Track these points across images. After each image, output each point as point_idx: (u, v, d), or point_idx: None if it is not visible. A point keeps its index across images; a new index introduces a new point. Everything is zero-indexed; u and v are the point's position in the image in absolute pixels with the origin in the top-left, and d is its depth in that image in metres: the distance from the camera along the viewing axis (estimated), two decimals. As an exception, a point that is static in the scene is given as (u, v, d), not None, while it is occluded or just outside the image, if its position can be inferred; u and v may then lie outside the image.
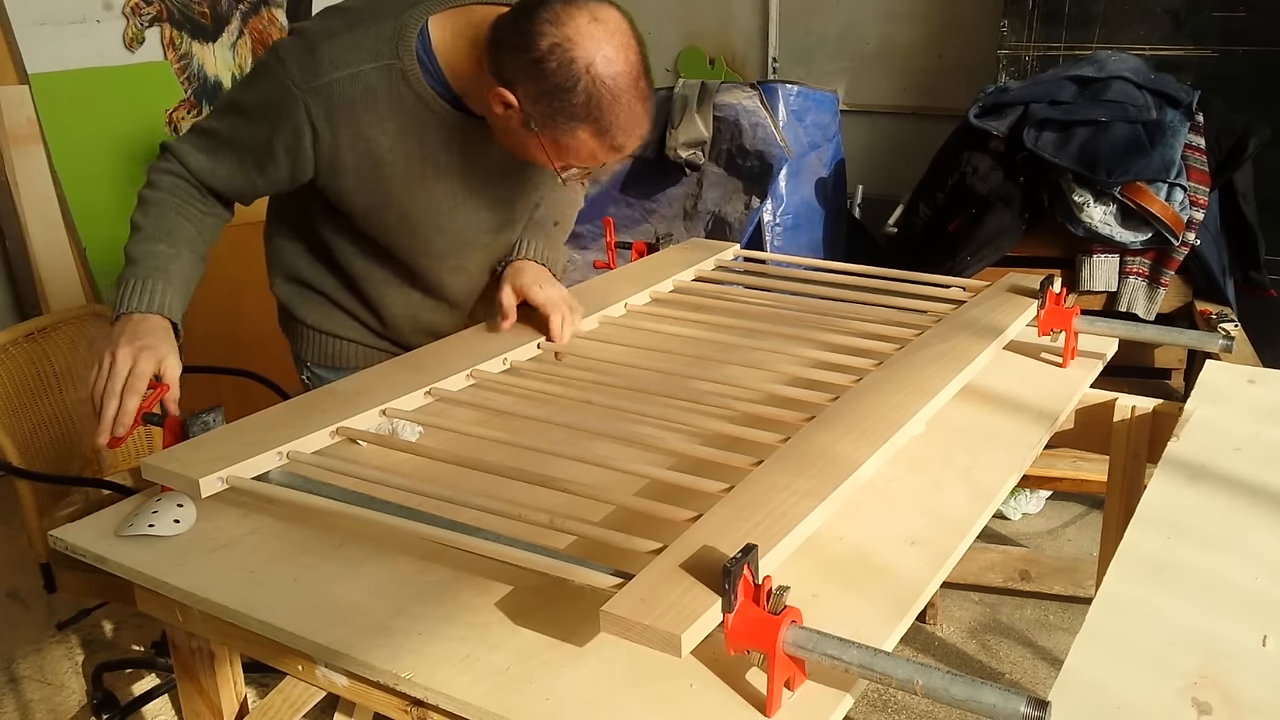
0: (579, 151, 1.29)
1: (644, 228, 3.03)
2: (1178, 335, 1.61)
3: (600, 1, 1.27)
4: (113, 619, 2.47)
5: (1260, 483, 1.15)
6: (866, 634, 0.90)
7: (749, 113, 2.90)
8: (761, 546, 0.88)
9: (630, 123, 1.28)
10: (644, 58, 1.28)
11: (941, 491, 1.15)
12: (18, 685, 2.27)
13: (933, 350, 1.36)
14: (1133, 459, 1.49)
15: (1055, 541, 2.69)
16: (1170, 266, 2.39)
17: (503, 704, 0.84)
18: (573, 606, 0.94)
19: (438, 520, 1.03)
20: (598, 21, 1.24)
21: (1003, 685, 0.78)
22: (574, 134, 1.26)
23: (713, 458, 1.13)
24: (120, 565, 1.06)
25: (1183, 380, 2.49)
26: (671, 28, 3.98)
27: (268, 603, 0.98)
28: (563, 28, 1.22)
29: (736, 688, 0.86)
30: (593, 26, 1.23)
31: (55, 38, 2.97)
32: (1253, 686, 0.84)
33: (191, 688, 1.21)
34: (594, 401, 1.29)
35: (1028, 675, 2.20)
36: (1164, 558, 1.02)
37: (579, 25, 1.23)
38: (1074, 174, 2.34)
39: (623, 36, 1.26)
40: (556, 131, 1.27)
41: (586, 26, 1.23)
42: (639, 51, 1.27)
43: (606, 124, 1.26)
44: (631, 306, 1.65)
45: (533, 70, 1.23)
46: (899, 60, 3.60)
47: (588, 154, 1.30)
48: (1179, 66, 2.81)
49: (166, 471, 1.12)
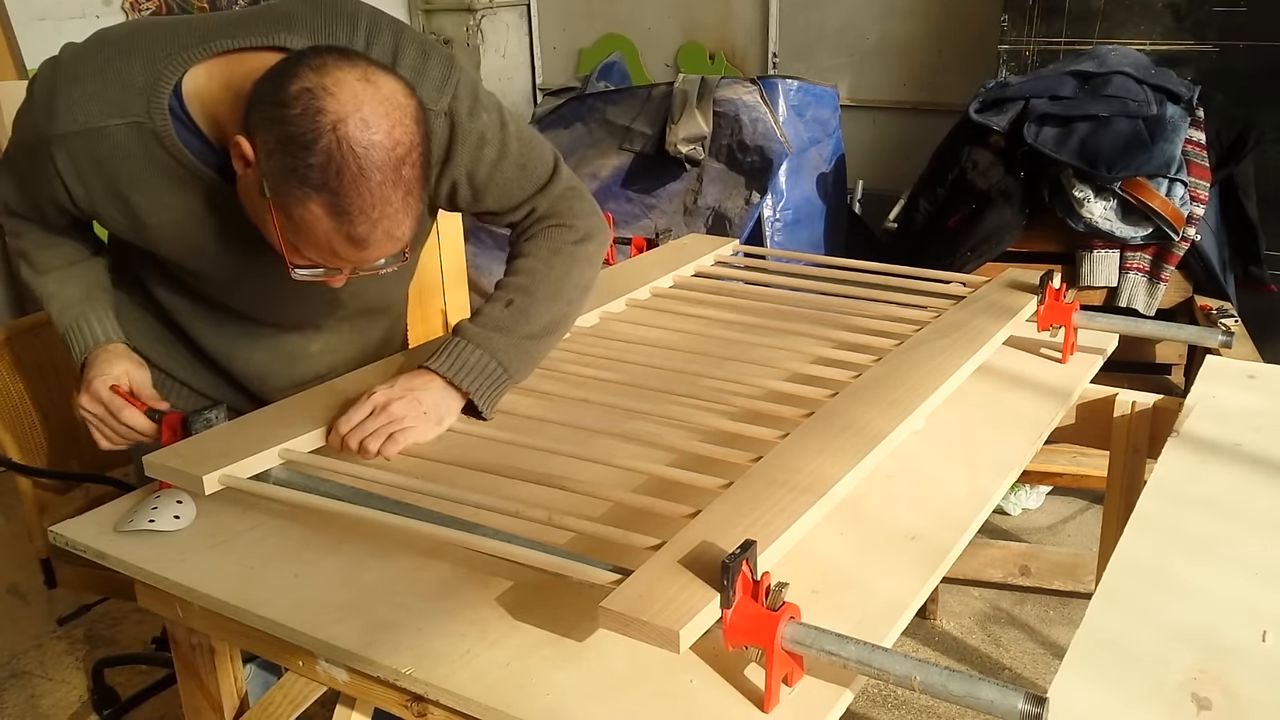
0: (312, 232, 1.04)
1: (644, 223, 3.03)
2: (1178, 331, 1.61)
3: (388, 72, 1.06)
4: (113, 615, 2.48)
5: (1260, 478, 1.15)
6: (866, 630, 0.90)
7: (749, 108, 2.90)
8: (760, 542, 0.88)
9: (378, 212, 1.03)
10: (419, 146, 1.05)
11: (941, 487, 1.16)
12: (19, 680, 2.27)
13: (932, 346, 1.36)
14: (1133, 454, 1.49)
15: (1055, 537, 2.69)
16: (1170, 262, 2.39)
17: (503, 699, 0.84)
18: (572, 603, 0.94)
19: (437, 517, 1.04)
20: (369, 83, 1.02)
21: (1000, 681, 0.78)
22: (306, 205, 1.02)
23: (711, 454, 1.13)
24: (121, 561, 1.06)
25: (1183, 375, 2.49)
26: (672, 23, 3.98)
27: (268, 598, 0.98)
28: (323, 76, 1.01)
29: (735, 683, 0.86)
30: (360, 85, 1.01)
31: (55, 33, 2.97)
32: (1252, 682, 0.84)
33: (192, 683, 1.21)
34: (591, 400, 1.29)
35: (1029, 669, 2.20)
36: (1164, 553, 1.02)
37: (342, 78, 1.01)
38: (1074, 169, 2.34)
39: (394, 108, 1.03)
40: (287, 198, 1.02)
41: (352, 82, 1.01)
42: (415, 136, 1.05)
43: (345, 203, 1.01)
44: (632, 302, 1.65)
45: (274, 116, 1.01)
46: (899, 55, 3.59)
47: (321, 238, 1.04)
48: (1180, 61, 2.80)
49: (169, 469, 1.12)
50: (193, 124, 1.15)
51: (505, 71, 4.22)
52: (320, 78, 1.01)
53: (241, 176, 1.10)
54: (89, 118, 1.13)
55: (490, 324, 1.27)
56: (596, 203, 1.40)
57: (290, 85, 1.01)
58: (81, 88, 1.14)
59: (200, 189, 1.18)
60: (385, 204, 1.03)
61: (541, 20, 4.29)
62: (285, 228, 1.06)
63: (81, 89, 1.14)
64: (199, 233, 1.22)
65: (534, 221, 1.35)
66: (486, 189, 1.30)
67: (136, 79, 1.13)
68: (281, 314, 1.38)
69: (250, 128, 1.05)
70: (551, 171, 1.35)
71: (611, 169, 3.08)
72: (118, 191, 1.18)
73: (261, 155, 1.04)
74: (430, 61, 1.20)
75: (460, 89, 1.22)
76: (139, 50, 1.15)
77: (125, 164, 1.16)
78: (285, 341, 1.41)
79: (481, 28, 4.10)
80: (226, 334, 1.39)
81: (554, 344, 1.36)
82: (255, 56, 1.13)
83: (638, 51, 4.07)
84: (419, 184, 1.07)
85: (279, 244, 1.08)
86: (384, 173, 1.02)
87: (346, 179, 1.00)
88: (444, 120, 1.22)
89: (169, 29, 1.17)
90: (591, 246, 1.36)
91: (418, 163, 1.06)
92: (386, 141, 1.01)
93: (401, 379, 1.24)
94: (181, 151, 1.15)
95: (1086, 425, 1.51)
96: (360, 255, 1.07)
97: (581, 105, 3.17)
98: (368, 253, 1.07)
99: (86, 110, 1.13)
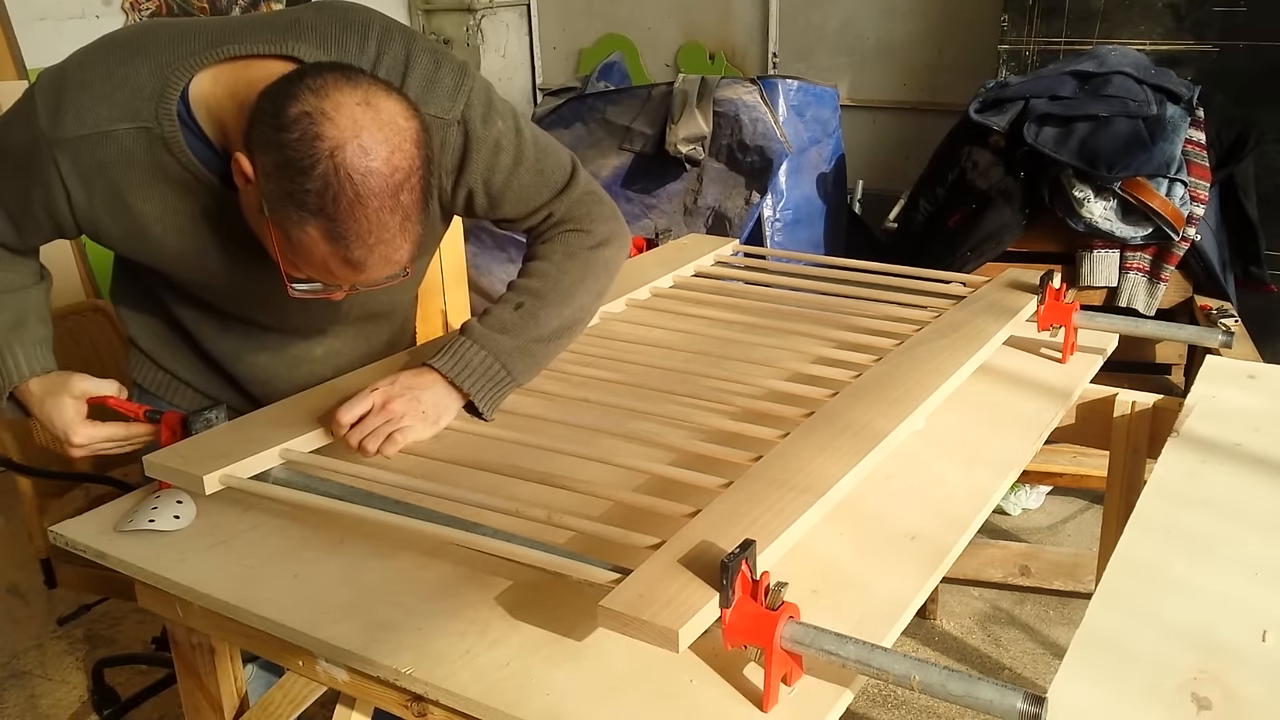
0: (310, 254, 1.05)
1: (644, 223, 3.03)
2: (1178, 331, 1.61)
3: (390, 92, 1.05)
4: (113, 615, 2.48)
5: (1260, 478, 1.15)
6: (866, 630, 0.90)
7: (749, 108, 2.90)
8: (760, 542, 0.88)
9: (374, 237, 1.03)
10: (419, 171, 1.05)
11: (941, 487, 1.16)
12: (19, 680, 2.27)
13: (932, 346, 1.36)
14: (1133, 454, 1.49)
15: (1055, 537, 2.69)
16: (1170, 262, 2.39)
17: (503, 699, 0.84)
18: (572, 602, 0.94)
19: (438, 517, 1.04)
20: (369, 106, 1.01)
21: (999, 681, 0.78)
22: (303, 229, 1.02)
23: (711, 453, 1.13)
24: (120, 561, 1.06)
25: (1183, 375, 2.49)
26: (672, 23, 3.98)
27: (268, 598, 0.98)
28: (322, 99, 1.00)
29: (735, 683, 0.86)
30: (359, 109, 1.00)
31: (54, 33, 2.97)
32: (1252, 681, 0.84)
33: (192, 683, 1.21)
34: (591, 399, 1.29)
35: (1029, 669, 2.20)
36: (1164, 553, 1.02)
37: (342, 101, 1.00)
38: (1074, 169, 2.34)
39: (394, 133, 1.02)
40: (285, 220, 1.03)
41: (351, 106, 1.00)
42: (415, 160, 1.04)
43: (342, 229, 1.01)
44: (632, 302, 1.65)
45: (272, 138, 1.01)
46: (899, 55, 3.59)
47: (318, 260, 1.05)
48: (1180, 61, 2.80)
49: (169, 469, 1.12)
50: (199, 130, 1.15)
51: (505, 71, 4.23)
52: (319, 101, 1.00)
53: (243, 190, 1.10)
54: (97, 121, 1.12)
55: (497, 325, 1.27)
56: (617, 207, 1.39)
57: (290, 108, 1.00)
58: (89, 92, 1.12)
59: (205, 195, 1.18)
60: (382, 229, 1.03)
61: (541, 20, 4.29)
62: (283, 246, 1.06)
63: (90, 93, 1.12)
64: (203, 239, 1.21)
65: (551, 226, 1.35)
66: (503, 196, 1.29)
67: (145, 84, 1.12)
68: (285, 319, 1.38)
69: (250, 146, 1.05)
70: (569, 176, 1.34)
71: (611, 169, 3.08)
72: (121, 198, 1.17)
73: (260, 175, 1.04)
74: (443, 70, 1.21)
75: (473, 96, 1.22)
76: (147, 54, 1.14)
77: (130, 169, 1.15)
78: (289, 346, 1.41)
79: (481, 28, 4.10)
80: (230, 338, 1.39)
81: (563, 348, 1.35)
82: (263, 64, 1.13)
83: (638, 51, 4.08)
84: (418, 208, 1.06)
85: (278, 261, 1.08)
86: (381, 199, 1.01)
87: (343, 205, 1.00)
88: (458, 129, 1.22)
89: (178, 33, 1.16)
90: (608, 251, 1.36)
91: (417, 187, 1.05)
92: (384, 168, 1.01)
93: (403, 376, 1.24)
94: (188, 158, 1.15)
95: (1086, 425, 1.51)
96: (357, 276, 1.08)
97: (581, 105, 3.17)
98: (364, 275, 1.08)
99: (95, 114, 1.12)
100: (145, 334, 1.41)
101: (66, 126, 1.12)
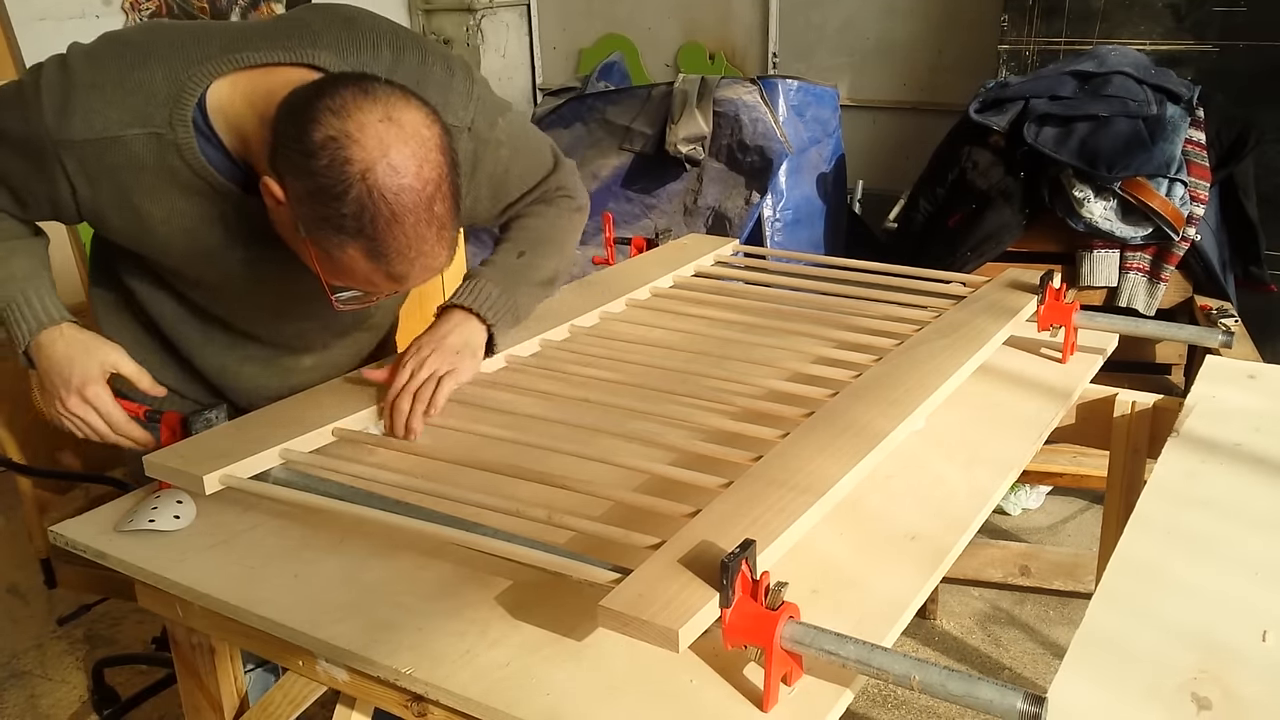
0: (352, 271, 1.06)
1: (644, 223, 3.03)
2: (1178, 331, 1.61)
3: (408, 100, 1.04)
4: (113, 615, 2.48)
5: (1260, 478, 1.15)
6: (866, 630, 0.90)
7: (749, 108, 2.90)
8: (760, 542, 0.88)
9: (414, 251, 1.04)
10: (448, 176, 1.05)
11: (941, 487, 1.16)
12: (19, 680, 2.27)
13: (932, 346, 1.36)
14: (1133, 454, 1.49)
15: (1055, 537, 2.69)
16: (1170, 262, 2.39)
17: (503, 699, 0.84)
18: (572, 602, 0.94)
19: (438, 517, 1.04)
20: (391, 122, 1.00)
21: (999, 681, 0.78)
22: (343, 250, 1.03)
23: (712, 453, 1.13)
24: (120, 561, 1.06)
25: (1183, 375, 2.49)
26: (672, 23, 3.98)
27: (268, 598, 0.98)
28: (345, 120, 0.99)
29: (735, 683, 0.86)
30: (383, 126, 1.00)
31: (54, 33, 2.97)
32: (1252, 681, 0.84)
33: (192, 683, 1.21)
34: (591, 399, 1.29)
35: (1029, 669, 2.20)
36: (1164, 553, 1.02)
37: (365, 121, 0.99)
38: (1074, 169, 2.34)
39: (419, 145, 1.02)
40: (325, 242, 1.03)
41: (374, 125, 0.99)
42: (443, 168, 1.04)
43: (382, 247, 1.02)
44: (632, 301, 1.65)
45: (301, 165, 1.00)
46: (899, 55, 3.59)
47: (362, 277, 1.07)
48: (1180, 61, 2.80)
49: (169, 469, 1.12)
50: (215, 137, 1.14)
51: (505, 71, 4.22)
52: (342, 122, 0.99)
53: (274, 210, 1.09)
54: (106, 126, 1.11)
55: (504, 267, 1.37)
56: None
57: (314, 132, 0.99)
58: (100, 95, 1.11)
59: (217, 201, 1.17)
60: (421, 242, 1.04)
61: (541, 20, 4.29)
62: (324, 264, 1.07)
63: (100, 96, 1.10)
64: (210, 243, 1.20)
65: (545, 193, 1.44)
66: (506, 184, 1.37)
67: (159, 89, 1.11)
68: (279, 332, 1.38)
69: (278, 170, 1.05)
70: (554, 155, 1.44)
71: (611, 169, 3.08)
72: (127, 198, 1.16)
73: (293, 200, 1.04)
74: (455, 77, 1.23)
75: (480, 102, 1.26)
76: (160, 57, 1.12)
77: (139, 174, 1.14)
78: (278, 357, 1.41)
79: (481, 28, 4.10)
80: (215, 347, 1.38)
81: (547, 296, 1.47)
82: (280, 72, 1.12)
83: (638, 51, 4.07)
84: (452, 214, 1.07)
85: (319, 274, 1.09)
86: (417, 214, 1.02)
87: (380, 225, 1.01)
88: (468, 136, 1.25)
89: (191, 36, 1.15)
90: (581, 216, 1.50)
91: (449, 194, 1.06)
92: (416, 183, 1.01)
93: (423, 336, 1.30)
94: (202, 165, 1.13)
95: (1086, 425, 1.51)
96: (399, 287, 1.10)
97: (581, 105, 3.17)
98: (407, 285, 1.10)
99: (105, 118, 1.11)
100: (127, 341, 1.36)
101: (74, 129, 1.10)
